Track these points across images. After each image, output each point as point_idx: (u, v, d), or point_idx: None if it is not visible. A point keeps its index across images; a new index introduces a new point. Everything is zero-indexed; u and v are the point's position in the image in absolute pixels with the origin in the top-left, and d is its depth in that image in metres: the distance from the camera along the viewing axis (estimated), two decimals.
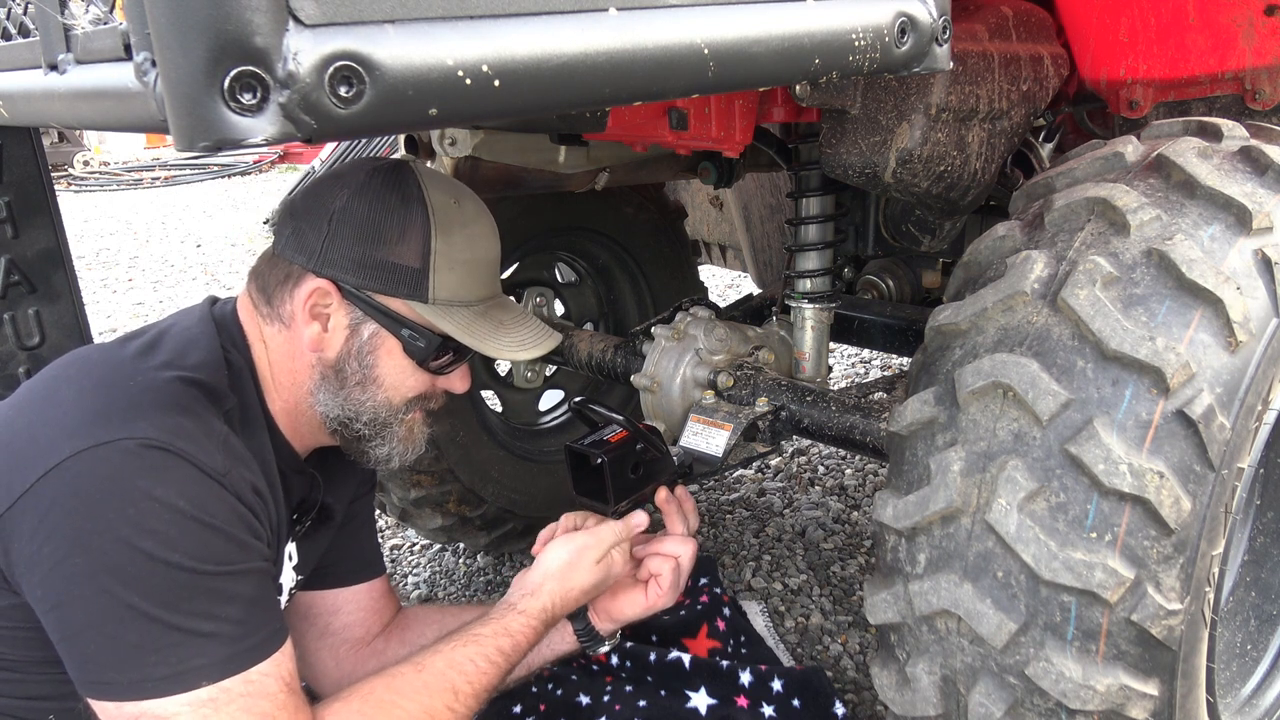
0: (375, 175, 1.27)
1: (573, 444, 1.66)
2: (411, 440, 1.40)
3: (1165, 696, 1.12)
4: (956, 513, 1.16)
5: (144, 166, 13.31)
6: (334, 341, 1.28)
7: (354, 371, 1.29)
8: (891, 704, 1.26)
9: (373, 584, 1.64)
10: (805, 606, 2.45)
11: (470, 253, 1.31)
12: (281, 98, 0.63)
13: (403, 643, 1.62)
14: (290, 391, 1.32)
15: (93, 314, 5.07)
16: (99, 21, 0.79)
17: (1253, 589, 1.61)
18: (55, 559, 1.06)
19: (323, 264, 1.25)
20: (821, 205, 1.94)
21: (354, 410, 1.32)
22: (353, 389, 1.30)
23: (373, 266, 1.24)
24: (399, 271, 1.25)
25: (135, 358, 1.23)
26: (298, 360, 1.30)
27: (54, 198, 1.90)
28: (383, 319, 1.27)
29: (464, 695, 1.30)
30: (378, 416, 1.33)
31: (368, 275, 1.25)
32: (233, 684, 1.10)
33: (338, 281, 1.25)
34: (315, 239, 1.25)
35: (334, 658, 1.61)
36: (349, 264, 1.24)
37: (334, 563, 1.59)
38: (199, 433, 1.14)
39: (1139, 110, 1.69)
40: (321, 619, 1.61)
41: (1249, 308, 1.12)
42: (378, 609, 1.64)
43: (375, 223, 1.24)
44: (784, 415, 1.80)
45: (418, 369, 1.33)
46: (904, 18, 0.96)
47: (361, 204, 1.24)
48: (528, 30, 0.72)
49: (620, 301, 2.72)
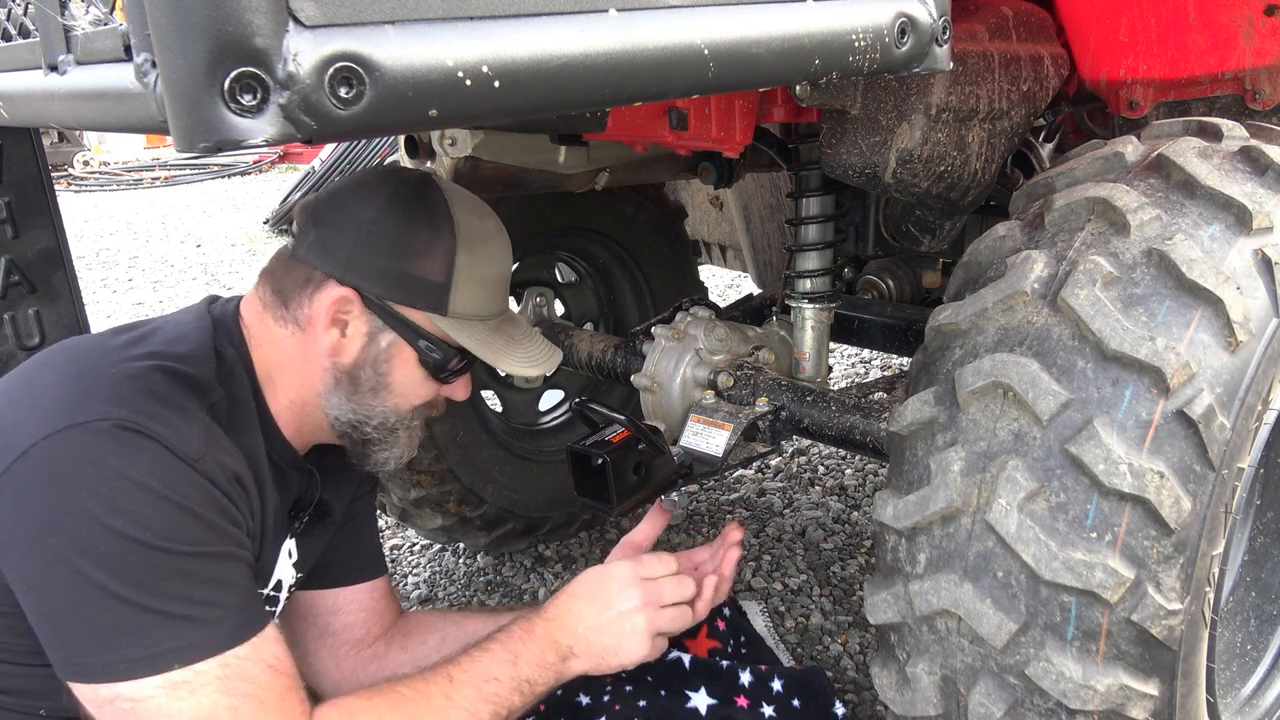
0: (404, 188, 1.30)
1: (575, 445, 1.66)
2: (410, 443, 1.42)
3: (1165, 696, 1.12)
4: (956, 513, 1.16)
5: (144, 166, 13.31)
6: (351, 348, 1.30)
7: (368, 378, 1.32)
8: (891, 704, 1.26)
9: (374, 584, 1.64)
10: (805, 606, 2.45)
11: (489, 269, 1.34)
12: (281, 98, 0.63)
13: (404, 649, 1.62)
14: (298, 391, 1.33)
15: (93, 314, 5.07)
16: (99, 22, 0.79)
17: (1253, 589, 1.61)
18: (30, 540, 1.07)
19: (347, 272, 1.27)
20: (821, 205, 1.94)
21: (365, 415, 1.34)
22: (365, 394, 1.33)
23: (398, 278, 1.27)
24: (423, 285, 1.28)
25: (121, 347, 1.23)
26: (310, 362, 1.31)
27: (54, 198, 1.90)
28: (402, 329, 1.30)
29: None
30: (386, 422, 1.36)
31: (392, 287, 1.27)
32: (207, 667, 1.10)
33: (361, 291, 1.27)
34: (342, 248, 1.27)
35: (334, 658, 1.61)
36: (374, 274, 1.27)
37: (335, 562, 1.59)
38: (175, 418, 1.14)
39: (1139, 110, 1.69)
40: (322, 618, 1.61)
41: (1249, 308, 1.12)
42: (378, 610, 1.64)
43: (404, 236, 1.27)
44: (784, 415, 1.80)
45: (428, 378, 1.36)
46: (904, 18, 0.96)
47: (390, 217, 1.27)
48: (528, 31, 0.72)
49: (620, 301, 2.72)
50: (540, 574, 2.69)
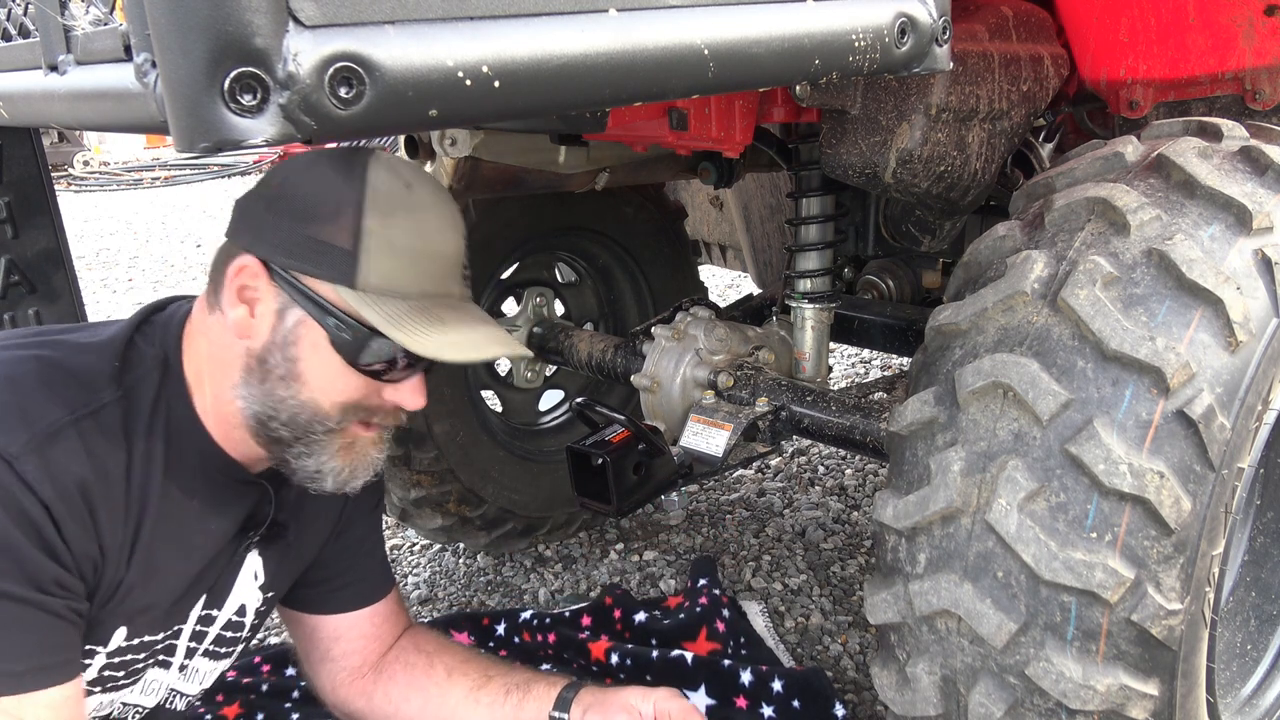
0: (326, 155, 1.19)
1: (575, 445, 1.66)
2: (353, 459, 1.25)
3: (1165, 696, 1.12)
4: (956, 513, 1.16)
5: (144, 166, 13.31)
6: (261, 328, 1.17)
7: (278, 364, 1.17)
8: (891, 704, 1.26)
9: (375, 609, 1.57)
10: (805, 606, 2.45)
11: (413, 240, 1.18)
12: (281, 99, 0.63)
13: (388, 699, 1.54)
14: (218, 384, 1.22)
15: (93, 314, 5.06)
16: (99, 22, 0.79)
17: (1253, 589, 1.61)
18: None
19: (254, 240, 1.17)
20: (821, 205, 1.94)
21: (273, 407, 1.18)
22: (275, 383, 1.17)
23: (302, 243, 1.14)
24: (328, 251, 1.13)
25: (20, 337, 1.18)
26: (228, 350, 1.20)
27: (54, 198, 1.90)
28: (308, 305, 1.15)
29: None
30: (298, 418, 1.19)
31: (296, 253, 1.14)
32: None
33: (267, 260, 1.16)
34: (253, 214, 1.18)
35: (331, 684, 1.57)
36: (279, 240, 1.15)
37: (336, 588, 1.53)
38: (15, 411, 1.07)
39: (1139, 110, 1.69)
40: (324, 644, 1.56)
41: (1249, 308, 1.12)
42: (379, 635, 1.57)
43: (311, 198, 1.15)
44: (784, 415, 1.80)
45: (349, 370, 1.18)
46: (904, 18, 0.96)
47: (303, 181, 1.16)
48: (528, 31, 0.72)
49: (620, 301, 2.72)
50: (540, 574, 2.69)
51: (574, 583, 2.64)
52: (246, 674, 2.04)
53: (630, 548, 2.79)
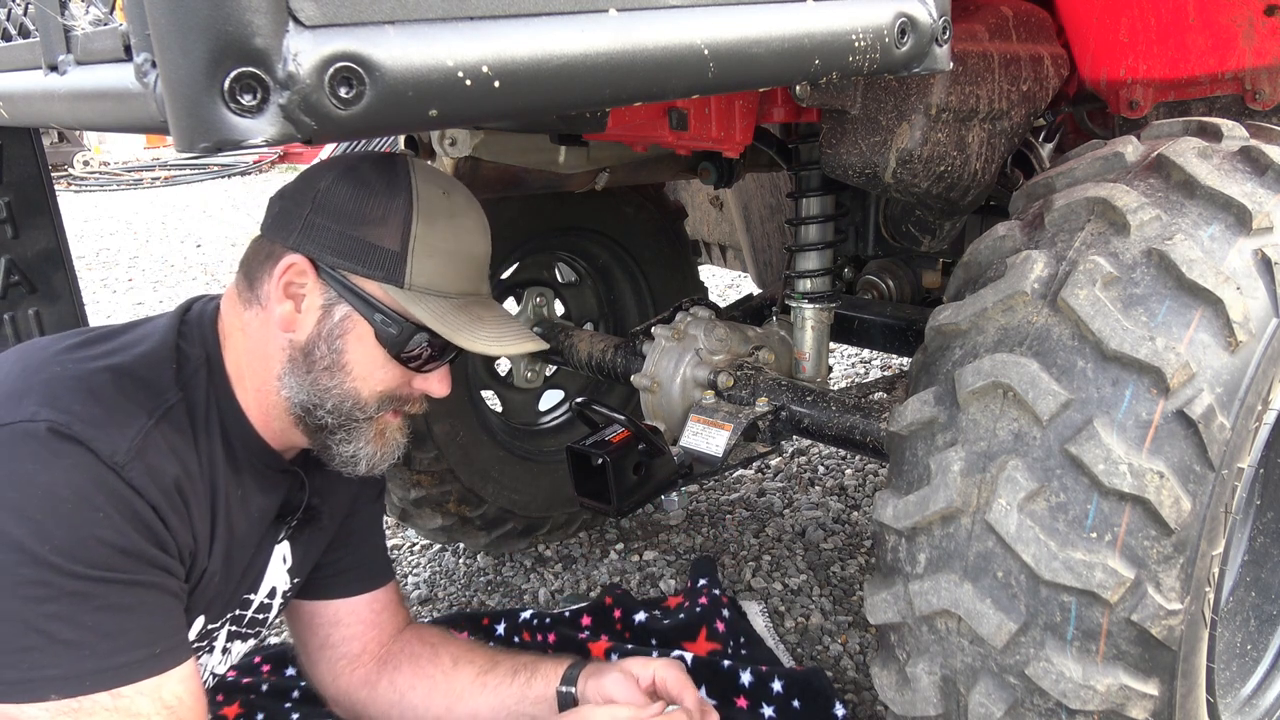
0: (365, 161, 1.27)
1: (575, 445, 1.66)
2: (384, 444, 1.34)
3: (1165, 696, 1.12)
4: (956, 513, 1.16)
5: (144, 166, 13.31)
6: (306, 322, 1.24)
7: (323, 355, 1.24)
8: (891, 704, 1.26)
9: (374, 595, 1.60)
10: (805, 606, 2.45)
11: (453, 243, 1.27)
12: (281, 99, 0.63)
13: (393, 687, 1.56)
14: (261, 377, 1.28)
15: (93, 314, 5.07)
16: (99, 22, 0.79)
17: (1253, 589, 1.61)
18: None
19: (301, 240, 1.22)
20: (821, 205, 1.94)
21: (319, 396, 1.26)
22: (320, 374, 1.25)
23: (351, 245, 1.21)
24: (377, 253, 1.22)
25: (74, 347, 1.21)
26: (270, 343, 1.26)
27: (54, 198, 1.90)
28: (356, 301, 1.23)
29: None
30: (342, 406, 1.27)
31: (346, 254, 1.22)
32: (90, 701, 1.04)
33: (315, 259, 1.22)
34: (298, 216, 1.23)
35: (331, 672, 1.59)
36: (328, 241, 1.22)
37: (337, 572, 1.57)
38: (109, 421, 1.11)
39: (1139, 110, 1.69)
40: (323, 630, 1.58)
41: (1249, 308, 1.12)
42: (378, 623, 1.60)
43: (358, 202, 1.22)
44: (784, 415, 1.80)
45: (390, 360, 1.27)
46: (904, 18, 0.96)
47: (346, 185, 1.23)
48: (528, 31, 0.72)
49: (620, 301, 2.72)
50: (540, 574, 2.69)
51: (574, 583, 2.64)
52: (246, 674, 2.04)
53: (630, 548, 2.79)
